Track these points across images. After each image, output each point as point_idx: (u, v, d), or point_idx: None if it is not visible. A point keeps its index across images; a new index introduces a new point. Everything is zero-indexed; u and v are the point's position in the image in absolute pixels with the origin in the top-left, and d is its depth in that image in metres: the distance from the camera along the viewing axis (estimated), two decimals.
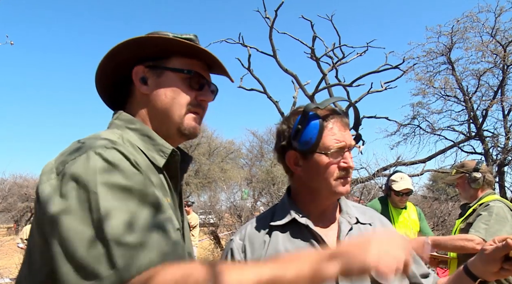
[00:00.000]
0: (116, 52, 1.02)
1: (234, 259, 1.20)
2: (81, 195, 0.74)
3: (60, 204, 0.74)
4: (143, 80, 1.03)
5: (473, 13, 12.75)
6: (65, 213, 0.73)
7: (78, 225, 0.72)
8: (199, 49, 1.02)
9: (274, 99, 13.93)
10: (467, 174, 3.01)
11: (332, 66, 13.97)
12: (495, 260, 1.06)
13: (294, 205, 1.25)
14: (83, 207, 0.73)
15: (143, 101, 1.03)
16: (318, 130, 1.15)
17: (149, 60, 1.04)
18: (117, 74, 1.06)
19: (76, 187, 0.75)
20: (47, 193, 0.77)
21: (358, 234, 1.22)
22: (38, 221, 0.79)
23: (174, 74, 1.02)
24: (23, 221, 27.15)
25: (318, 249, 1.15)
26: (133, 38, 1.00)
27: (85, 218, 0.72)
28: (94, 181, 0.75)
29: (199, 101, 1.05)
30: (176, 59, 1.04)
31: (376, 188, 9.72)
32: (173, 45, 1.01)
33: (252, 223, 1.28)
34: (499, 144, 13.29)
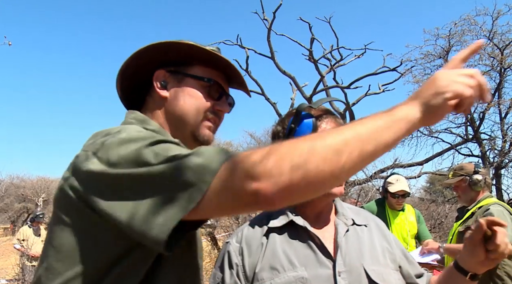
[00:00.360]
0: (140, 54, 1.04)
1: (231, 262, 1.19)
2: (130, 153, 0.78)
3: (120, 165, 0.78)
4: (163, 84, 1.05)
5: (471, 16, 12.79)
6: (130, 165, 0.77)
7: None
8: (222, 59, 1.05)
9: (272, 100, 13.93)
10: (468, 177, 3.00)
11: (330, 68, 13.98)
12: (477, 246, 1.07)
13: (290, 207, 1.25)
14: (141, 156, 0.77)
15: (161, 104, 1.05)
16: (312, 130, 1.15)
17: (171, 65, 1.06)
18: (137, 76, 1.08)
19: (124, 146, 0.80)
20: (95, 167, 0.80)
21: (354, 235, 1.22)
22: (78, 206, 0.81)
23: (194, 81, 1.05)
24: (19, 222, 27.03)
25: (316, 251, 1.16)
26: (158, 43, 1.03)
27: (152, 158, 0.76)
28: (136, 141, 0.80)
29: (216, 111, 1.06)
30: (198, 67, 1.06)
31: (373, 190, 9.75)
32: (196, 53, 1.04)
33: (248, 226, 1.27)
34: (496, 146, 13.33)
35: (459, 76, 0.77)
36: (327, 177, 0.69)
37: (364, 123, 0.73)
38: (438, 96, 0.75)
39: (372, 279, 1.12)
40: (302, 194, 0.70)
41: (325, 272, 1.12)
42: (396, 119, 0.74)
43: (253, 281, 1.14)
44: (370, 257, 1.17)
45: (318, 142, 0.70)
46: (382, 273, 1.15)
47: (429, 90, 0.77)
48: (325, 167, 0.68)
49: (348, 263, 1.14)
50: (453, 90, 0.75)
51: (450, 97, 0.75)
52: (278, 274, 1.12)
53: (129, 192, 0.76)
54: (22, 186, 29.56)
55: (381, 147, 0.72)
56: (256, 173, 0.68)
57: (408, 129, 0.75)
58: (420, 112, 0.76)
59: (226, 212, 0.75)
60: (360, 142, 0.70)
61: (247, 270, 1.16)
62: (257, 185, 0.67)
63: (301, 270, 1.12)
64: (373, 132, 0.72)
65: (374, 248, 1.21)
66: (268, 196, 0.67)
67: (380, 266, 1.17)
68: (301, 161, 0.67)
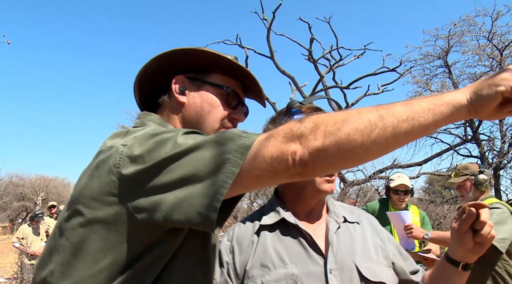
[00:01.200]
0: (161, 59, 1.05)
1: (221, 260, 1.20)
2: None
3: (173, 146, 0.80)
4: (182, 90, 1.06)
5: (470, 17, 12.80)
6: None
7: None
8: (241, 69, 1.06)
9: (271, 100, 13.92)
10: (473, 177, 2.99)
11: (329, 68, 13.99)
12: (465, 235, 1.08)
13: (282, 205, 1.26)
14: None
15: (178, 109, 1.06)
16: None
17: (191, 71, 1.07)
18: (155, 80, 1.10)
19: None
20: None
21: (346, 232, 1.23)
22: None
23: (213, 89, 1.06)
24: (18, 220, 27.01)
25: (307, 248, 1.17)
26: (180, 49, 1.04)
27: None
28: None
29: (231, 119, 1.08)
30: (217, 75, 1.08)
31: (372, 190, 9.75)
32: (216, 61, 1.05)
33: (240, 224, 1.28)
34: (495, 147, 13.35)
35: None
36: (358, 147, 0.70)
37: (406, 102, 0.73)
38: (491, 87, 0.72)
39: (364, 275, 1.13)
40: (334, 161, 0.72)
41: (316, 269, 1.12)
42: (441, 103, 0.72)
43: (243, 279, 1.14)
44: (362, 254, 1.18)
45: (353, 113, 0.72)
46: (374, 270, 1.16)
47: (487, 80, 0.74)
48: (357, 137, 0.70)
49: (339, 260, 1.14)
50: (510, 83, 0.71)
51: (503, 90, 0.71)
52: (268, 271, 1.12)
53: (159, 183, 0.78)
54: (21, 185, 29.52)
55: (419, 128, 0.72)
56: (294, 135, 0.73)
57: (451, 114, 0.72)
58: (468, 100, 0.73)
59: (267, 179, 0.77)
60: (395, 119, 0.71)
61: (237, 268, 1.17)
62: (293, 147, 0.72)
63: (292, 267, 1.12)
64: (412, 112, 0.71)
65: (366, 245, 1.22)
66: (303, 158, 0.71)
67: (372, 262, 1.18)
68: (334, 129, 0.71)
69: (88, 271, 0.81)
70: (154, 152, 0.79)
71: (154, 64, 1.07)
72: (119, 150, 0.83)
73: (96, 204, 0.83)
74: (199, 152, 0.77)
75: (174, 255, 0.87)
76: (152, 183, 0.78)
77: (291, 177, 0.76)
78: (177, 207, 0.76)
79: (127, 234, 0.81)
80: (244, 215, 10.62)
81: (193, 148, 0.77)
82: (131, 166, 0.80)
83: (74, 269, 0.82)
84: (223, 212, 0.79)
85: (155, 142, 0.81)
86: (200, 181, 0.76)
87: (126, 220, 0.80)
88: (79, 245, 0.83)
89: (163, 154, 0.78)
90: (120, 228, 0.81)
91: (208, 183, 0.75)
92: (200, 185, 0.76)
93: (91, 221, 0.82)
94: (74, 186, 0.91)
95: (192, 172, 0.76)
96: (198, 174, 0.76)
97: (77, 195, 0.86)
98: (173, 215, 0.76)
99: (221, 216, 0.78)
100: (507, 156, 12.79)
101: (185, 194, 0.76)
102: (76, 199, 0.86)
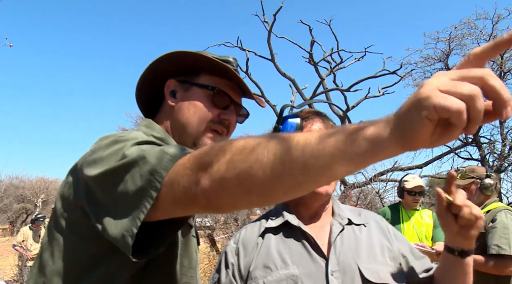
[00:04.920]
0: (154, 65, 1.07)
1: (227, 262, 1.22)
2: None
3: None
4: (173, 93, 1.07)
5: (471, 20, 12.82)
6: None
7: None
8: (223, 67, 1.03)
9: (271, 103, 13.91)
10: (479, 180, 2.95)
11: (330, 71, 13.99)
12: (447, 220, 1.06)
13: (286, 208, 1.28)
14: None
15: (170, 113, 1.07)
16: (295, 130, 1.16)
17: (182, 74, 1.08)
18: (154, 85, 1.11)
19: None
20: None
21: (350, 235, 1.23)
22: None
23: (200, 90, 1.06)
24: (18, 222, 26.99)
25: (309, 250, 1.17)
26: (167, 53, 1.05)
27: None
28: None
29: (221, 120, 1.06)
30: (205, 76, 1.07)
31: (373, 193, 9.72)
32: (202, 62, 1.05)
33: (247, 227, 1.30)
34: (495, 150, 13.33)
35: (454, 82, 0.51)
36: (260, 182, 0.62)
37: (321, 136, 0.58)
38: (414, 111, 0.51)
39: (366, 277, 1.12)
40: (237, 196, 0.65)
41: (317, 271, 1.13)
42: (361, 138, 0.55)
43: (247, 280, 1.16)
44: (366, 256, 1.18)
45: (262, 144, 0.62)
46: (378, 271, 1.15)
47: (409, 99, 0.53)
48: (259, 172, 0.61)
49: (341, 262, 1.14)
50: (435, 103, 0.49)
51: (427, 115, 0.49)
52: (270, 272, 1.14)
53: (101, 194, 0.78)
54: (21, 187, 29.54)
55: (332, 169, 0.57)
56: (201, 162, 0.67)
57: (374, 153, 0.54)
58: (391, 132, 0.53)
59: (183, 208, 0.73)
60: (304, 155, 0.58)
61: (242, 269, 1.18)
62: (198, 177, 0.67)
63: (293, 268, 1.13)
64: (325, 147, 0.56)
65: (372, 246, 1.21)
66: (205, 191, 0.66)
67: (377, 264, 1.17)
68: (238, 159, 0.63)
69: (55, 268, 0.84)
70: (105, 161, 0.79)
71: (151, 72, 1.08)
72: (86, 154, 0.86)
73: (65, 206, 0.87)
74: (131, 169, 0.75)
75: (144, 267, 0.88)
76: (99, 193, 0.79)
77: (203, 210, 0.72)
78: (110, 224, 0.75)
79: (87, 236, 0.83)
80: (245, 217, 10.60)
81: (128, 164, 0.75)
82: (87, 171, 0.81)
83: (47, 266, 0.86)
84: (161, 237, 0.78)
85: (112, 151, 0.81)
86: (128, 201, 0.74)
87: (83, 222, 0.82)
88: (52, 244, 0.87)
89: (110, 164, 0.78)
90: (82, 229, 0.84)
91: (131, 205, 0.74)
92: (126, 206, 0.74)
93: (62, 221, 0.86)
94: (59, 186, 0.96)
95: (123, 191, 0.75)
96: (126, 194, 0.74)
97: (57, 196, 0.91)
98: (107, 231, 0.75)
99: (158, 242, 0.78)
100: (507, 159, 12.77)
101: (116, 213, 0.75)
102: (56, 198, 0.91)
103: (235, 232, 1.31)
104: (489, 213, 2.82)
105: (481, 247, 2.71)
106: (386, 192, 9.90)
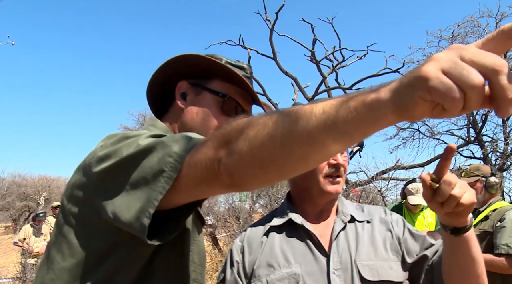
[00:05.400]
0: (168, 65, 1.06)
1: (232, 260, 1.23)
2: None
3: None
4: (183, 95, 1.07)
5: (474, 18, 12.78)
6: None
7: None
8: (235, 75, 1.03)
9: (273, 101, 13.91)
10: (484, 178, 2.94)
11: (332, 69, 13.97)
12: (432, 203, 0.97)
13: (292, 207, 1.28)
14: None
15: (178, 115, 1.07)
16: None
17: (194, 77, 1.07)
18: (165, 85, 1.11)
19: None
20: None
21: (352, 232, 1.23)
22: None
23: (211, 96, 1.06)
24: (21, 220, 27.09)
25: (312, 248, 1.17)
26: (184, 55, 1.04)
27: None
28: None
29: None
30: (217, 82, 1.07)
31: (375, 191, 9.71)
32: (216, 68, 1.04)
33: (252, 226, 1.31)
34: (498, 149, 13.30)
35: (461, 65, 0.48)
36: (271, 155, 0.63)
37: (327, 104, 0.59)
38: (410, 89, 0.51)
39: (363, 276, 1.12)
40: (253, 171, 0.66)
41: (319, 269, 1.13)
42: (365, 103, 0.55)
43: (251, 278, 1.17)
44: (366, 253, 1.17)
45: (273, 118, 0.63)
46: (378, 268, 1.14)
47: (411, 73, 0.53)
48: (268, 143, 0.62)
49: (344, 260, 1.15)
50: (430, 86, 0.48)
51: (421, 95, 0.49)
52: (273, 270, 1.15)
53: (113, 184, 0.79)
54: (24, 185, 29.64)
55: (339, 136, 0.58)
56: (223, 140, 0.68)
57: (376, 119, 0.54)
58: (391, 101, 0.53)
59: (205, 188, 0.74)
60: (309, 125, 0.58)
61: (246, 267, 1.19)
62: (220, 154, 0.67)
63: (295, 267, 1.14)
64: (333, 115, 0.56)
65: (374, 242, 1.21)
66: (226, 167, 0.67)
67: (378, 260, 1.16)
68: (253, 134, 0.64)
69: (64, 265, 0.84)
70: (118, 152, 0.80)
71: (163, 71, 1.08)
72: (95, 150, 0.86)
73: (74, 203, 0.87)
74: (149, 155, 0.76)
75: (150, 261, 0.88)
76: (111, 183, 0.80)
77: (227, 188, 0.72)
78: (123, 210, 0.76)
79: (94, 232, 0.84)
80: (246, 215, 10.61)
81: (145, 150, 0.77)
82: (98, 165, 0.82)
83: (55, 263, 0.86)
84: (175, 222, 0.79)
85: (123, 144, 0.82)
86: (144, 185, 0.75)
87: (94, 218, 0.83)
88: (60, 241, 0.87)
89: (123, 154, 0.79)
90: (90, 225, 0.84)
91: (148, 187, 0.74)
92: (142, 190, 0.75)
93: (71, 218, 0.86)
94: (66, 184, 0.96)
95: (139, 176, 0.76)
96: (143, 178, 0.75)
97: (65, 192, 0.91)
98: (119, 218, 0.76)
99: (171, 226, 0.78)
100: (510, 158, 12.73)
101: (131, 198, 0.76)
102: (64, 196, 0.91)
103: (237, 230, 1.31)
104: (496, 212, 2.81)
105: (489, 246, 2.71)
106: (388, 191, 9.89)
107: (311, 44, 13.69)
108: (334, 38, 22.70)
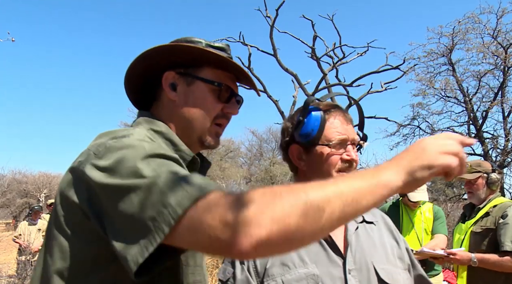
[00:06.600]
0: (148, 55, 1.02)
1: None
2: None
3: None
4: (173, 86, 1.03)
5: (475, 14, 12.75)
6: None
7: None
8: (230, 62, 1.02)
9: (274, 98, 13.92)
10: (486, 175, 2.93)
11: (332, 66, 13.96)
12: None
13: None
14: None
15: (169, 107, 1.03)
16: (320, 122, 1.15)
17: (181, 66, 1.03)
18: (146, 76, 1.06)
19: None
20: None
21: (364, 233, 1.22)
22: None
23: (204, 85, 1.03)
24: (21, 217, 27.14)
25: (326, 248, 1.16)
26: (167, 45, 1.01)
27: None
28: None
29: (225, 113, 1.05)
30: (208, 70, 1.04)
31: None
32: (206, 56, 1.01)
33: None
34: (498, 145, 13.30)
35: (446, 146, 0.76)
36: (307, 235, 0.65)
37: (348, 182, 0.70)
38: (425, 170, 0.73)
39: (382, 278, 1.12)
40: (279, 249, 0.66)
41: (335, 270, 1.11)
42: (379, 184, 0.71)
43: (264, 277, 1.13)
44: (379, 256, 1.17)
45: (301, 195, 0.65)
46: (392, 272, 1.14)
47: (416, 160, 0.74)
48: (306, 225, 0.64)
49: (358, 261, 1.13)
50: (441, 163, 0.74)
51: (437, 172, 0.74)
52: (288, 270, 1.11)
53: (107, 203, 0.75)
54: (24, 182, 29.70)
55: (361, 210, 0.70)
56: (233, 221, 0.62)
57: (387, 195, 0.72)
58: (403, 182, 0.73)
59: (204, 252, 0.72)
60: (342, 202, 0.67)
61: (258, 266, 1.15)
62: (232, 235, 0.62)
63: (312, 267, 1.11)
64: (355, 194, 0.68)
65: (383, 246, 1.21)
66: (242, 249, 0.62)
67: (390, 265, 1.16)
68: (281, 215, 0.62)
69: (54, 268, 0.82)
70: (113, 171, 0.76)
71: (142, 62, 1.03)
72: (89, 154, 0.83)
73: (65, 204, 0.84)
74: (142, 195, 0.71)
75: None
76: (103, 201, 0.76)
77: (228, 257, 0.73)
78: (114, 237, 0.73)
79: (83, 237, 0.81)
80: None
81: (140, 187, 0.72)
82: (93, 174, 0.78)
83: (47, 266, 0.84)
84: (165, 256, 0.75)
85: (123, 160, 0.77)
86: (135, 227, 0.71)
87: (83, 224, 0.80)
88: (51, 243, 0.84)
89: (115, 179, 0.75)
90: (79, 230, 0.82)
91: (139, 233, 0.70)
92: (133, 230, 0.71)
93: (61, 220, 0.84)
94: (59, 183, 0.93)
95: (131, 213, 0.71)
96: (134, 219, 0.71)
97: (57, 192, 0.88)
98: (112, 243, 0.74)
99: (160, 261, 0.75)
100: (510, 154, 12.74)
101: (118, 230, 0.73)
102: (56, 196, 0.88)
103: None
104: (497, 208, 2.80)
105: (492, 243, 2.70)
106: None
107: (312, 41, 13.67)
108: (334, 35, 22.70)
